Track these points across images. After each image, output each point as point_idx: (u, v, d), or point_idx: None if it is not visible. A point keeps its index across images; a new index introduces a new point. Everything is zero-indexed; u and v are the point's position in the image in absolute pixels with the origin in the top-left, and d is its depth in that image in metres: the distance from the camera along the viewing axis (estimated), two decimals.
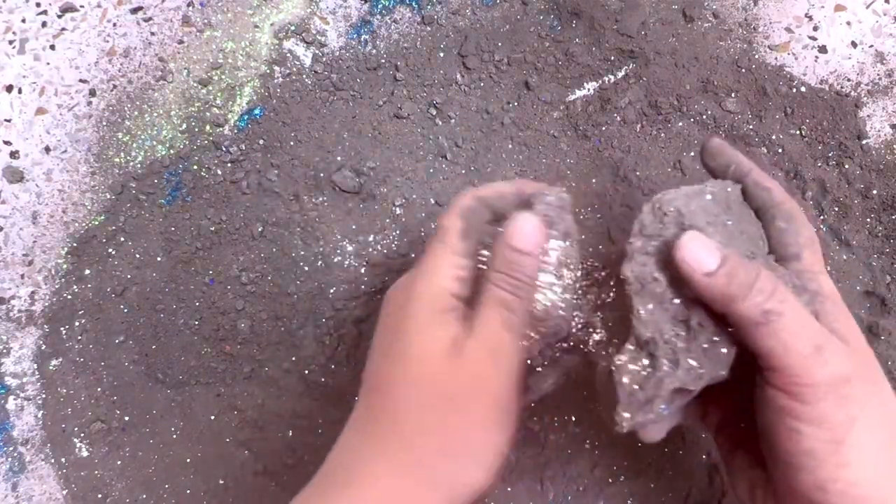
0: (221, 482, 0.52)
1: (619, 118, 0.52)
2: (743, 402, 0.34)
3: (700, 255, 0.30)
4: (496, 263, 0.34)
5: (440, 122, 0.53)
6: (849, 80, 0.52)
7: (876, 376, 0.31)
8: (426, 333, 0.32)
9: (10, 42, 0.53)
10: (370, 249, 0.52)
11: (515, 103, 0.53)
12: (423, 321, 0.33)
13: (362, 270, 0.52)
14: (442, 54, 0.53)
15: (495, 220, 0.36)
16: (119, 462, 0.52)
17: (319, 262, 0.52)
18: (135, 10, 0.53)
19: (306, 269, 0.52)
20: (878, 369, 0.32)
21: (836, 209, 0.51)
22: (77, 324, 0.52)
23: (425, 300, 0.33)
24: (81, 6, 0.53)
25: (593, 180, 0.52)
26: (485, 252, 0.35)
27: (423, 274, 0.34)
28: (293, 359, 0.52)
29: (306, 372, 0.52)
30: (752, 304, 0.30)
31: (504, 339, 0.32)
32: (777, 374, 0.29)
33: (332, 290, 0.52)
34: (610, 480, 0.50)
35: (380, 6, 0.54)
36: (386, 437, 0.32)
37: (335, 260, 0.52)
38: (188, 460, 0.52)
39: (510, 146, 0.53)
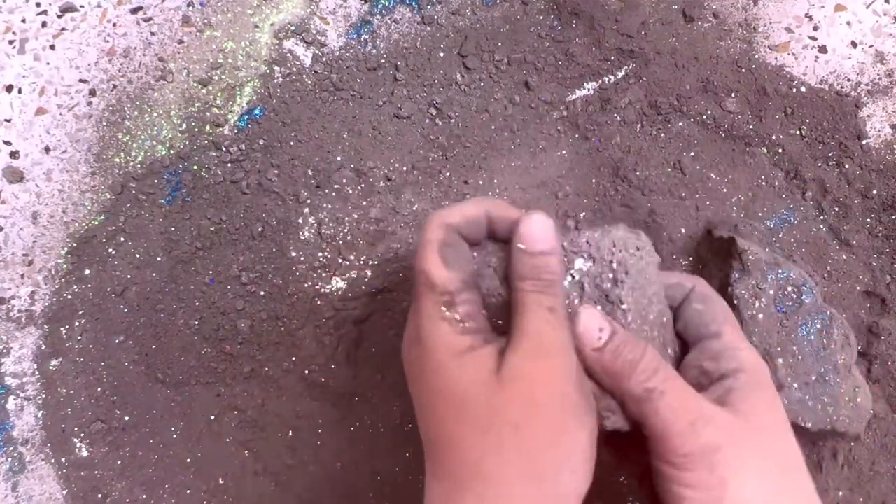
0: (221, 482, 0.52)
1: (619, 118, 0.52)
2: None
3: (591, 327, 0.32)
4: (520, 273, 0.33)
5: (440, 122, 0.53)
6: (849, 80, 0.52)
7: (760, 436, 0.32)
8: (463, 377, 0.31)
9: (10, 42, 0.53)
10: (371, 249, 0.52)
11: (516, 103, 0.53)
12: (453, 368, 0.31)
13: (364, 271, 0.52)
14: (442, 54, 0.53)
15: (472, 244, 0.35)
16: (119, 462, 0.52)
17: (319, 262, 0.52)
18: (135, 10, 0.53)
19: (306, 268, 0.52)
20: (771, 428, 0.33)
21: (836, 209, 0.51)
22: (77, 324, 0.52)
23: (441, 349, 0.32)
24: (81, 6, 0.53)
25: (593, 180, 0.52)
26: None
27: (421, 323, 0.33)
28: (293, 359, 0.52)
29: (306, 372, 0.52)
30: (635, 383, 0.32)
31: (549, 335, 0.31)
32: (657, 445, 0.31)
33: (332, 290, 0.52)
34: (610, 480, 0.50)
35: (380, 6, 0.54)
36: (469, 491, 0.31)
37: (335, 260, 0.52)
38: (188, 460, 0.52)
39: (510, 146, 0.53)
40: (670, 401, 0.32)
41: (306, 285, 0.52)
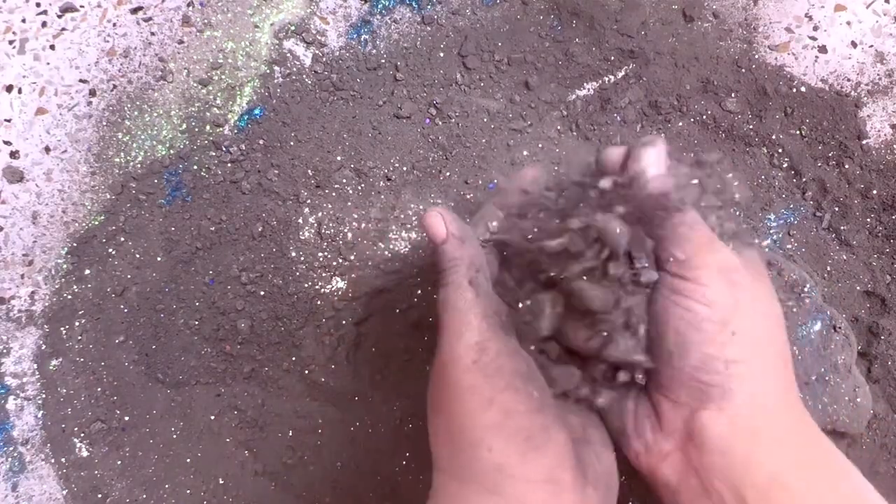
0: (221, 482, 0.52)
1: (619, 118, 0.52)
2: None
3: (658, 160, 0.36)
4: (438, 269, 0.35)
5: (440, 122, 0.53)
6: (849, 80, 0.52)
7: (760, 271, 0.35)
8: (472, 383, 0.33)
9: (10, 42, 0.53)
10: (371, 249, 0.52)
11: (516, 103, 0.53)
12: (464, 379, 0.33)
13: (364, 271, 0.52)
14: (442, 54, 0.53)
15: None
16: (119, 462, 0.52)
17: (319, 262, 0.52)
18: (135, 10, 0.53)
19: (306, 268, 0.52)
20: (762, 268, 0.35)
21: (836, 209, 0.51)
22: (77, 324, 0.52)
23: (457, 362, 0.33)
24: (81, 6, 0.53)
25: None
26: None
27: (444, 339, 0.34)
28: (293, 359, 0.52)
29: (306, 372, 0.52)
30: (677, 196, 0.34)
31: (448, 321, 0.33)
32: (677, 262, 0.33)
33: (332, 290, 0.52)
34: None
35: (380, 6, 0.54)
36: (439, 468, 0.34)
37: (335, 260, 0.52)
38: (188, 460, 0.52)
39: (510, 146, 0.53)
40: (693, 216, 0.34)
41: (306, 285, 0.52)
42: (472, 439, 0.32)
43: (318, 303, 0.52)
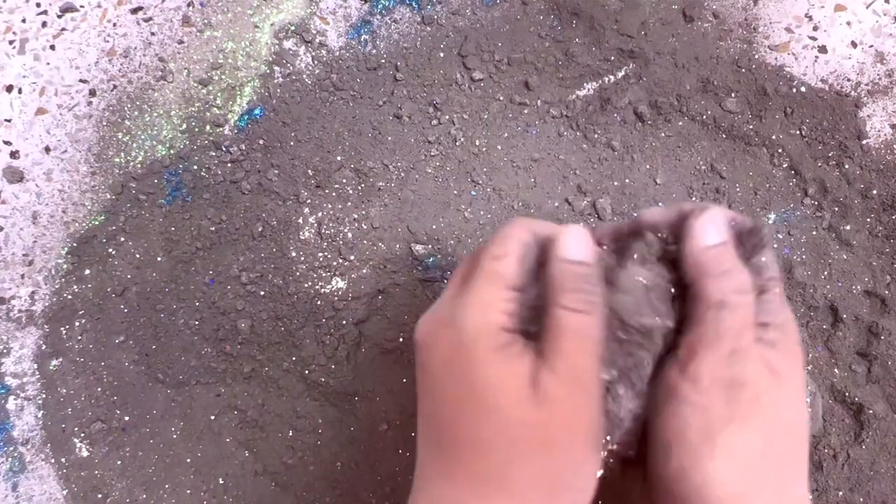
0: (221, 482, 0.52)
1: (619, 118, 0.52)
2: None
3: (713, 227, 0.32)
4: (556, 284, 0.31)
5: (440, 122, 0.53)
6: (849, 80, 0.52)
7: (786, 390, 0.31)
8: (501, 376, 0.30)
9: (10, 42, 0.53)
10: (371, 249, 0.52)
11: (516, 103, 0.53)
12: (492, 362, 0.30)
13: (363, 271, 0.52)
14: (442, 54, 0.53)
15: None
16: (119, 462, 0.52)
17: (319, 262, 0.52)
18: (135, 10, 0.53)
19: (306, 268, 0.52)
20: (794, 382, 0.32)
21: (836, 209, 0.51)
22: (77, 324, 0.52)
23: (485, 339, 0.30)
24: (81, 6, 0.53)
25: (592, 180, 0.52)
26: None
27: (473, 307, 0.31)
28: (293, 359, 0.52)
29: (306, 372, 0.52)
30: (715, 289, 0.31)
31: (587, 368, 0.30)
32: (684, 348, 0.31)
33: (332, 290, 0.52)
34: (610, 480, 0.50)
35: (380, 6, 0.54)
36: (487, 497, 0.30)
37: (335, 260, 0.52)
38: (188, 460, 0.52)
39: (510, 146, 0.53)
40: (730, 320, 0.31)
41: (306, 285, 0.52)
42: (580, 483, 0.30)
43: (318, 303, 0.52)
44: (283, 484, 0.52)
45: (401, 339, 0.52)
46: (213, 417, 0.52)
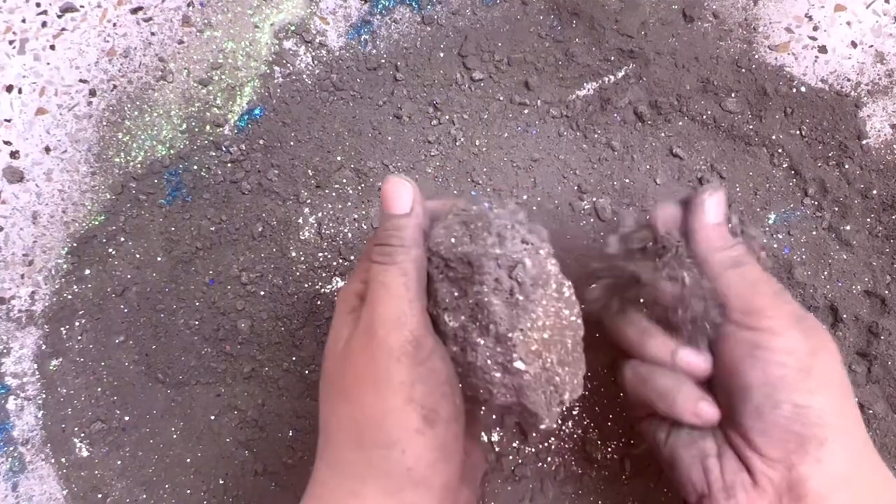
0: (221, 482, 0.52)
1: (619, 118, 0.52)
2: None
3: (718, 208, 0.35)
4: (375, 237, 0.33)
5: (440, 122, 0.53)
6: (849, 80, 0.52)
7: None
8: (330, 338, 0.34)
9: (10, 42, 0.53)
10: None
11: (516, 103, 0.53)
12: (335, 325, 0.34)
13: None
14: (442, 54, 0.53)
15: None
16: (119, 462, 0.52)
17: (320, 263, 0.52)
18: (135, 10, 0.53)
19: (306, 268, 0.52)
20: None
21: (836, 209, 0.51)
22: (77, 324, 0.52)
23: (338, 305, 0.34)
24: (81, 6, 0.53)
25: (592, 180, 0.52)
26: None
27: (346, 282, 0.33)
28: (293, 359, 0.52)
29: (306, 372, 0.52)
30: (728, 254, 0.34)
31: (383, 309, 0.31)
32: (748, 316, 0.33)
33: (332, 290, 0.52)
34: (610, 480, 0.50)
35: (380, 6, 0.54)
36: (327, 460, 0.32)
37: (336, 260, 0.52)
38: (188, 460, 0.52)
39: (510, 146, 0.53)
40: (754, 270, 0.34)
41: (306, 285, 0.52)
42: (388, 438, 0.30)
43: (319, 303, 0.52)
44: (283, 484, 0.52)
45: None
46: (213, 417, 0.52)
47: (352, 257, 0.52)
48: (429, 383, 0.31)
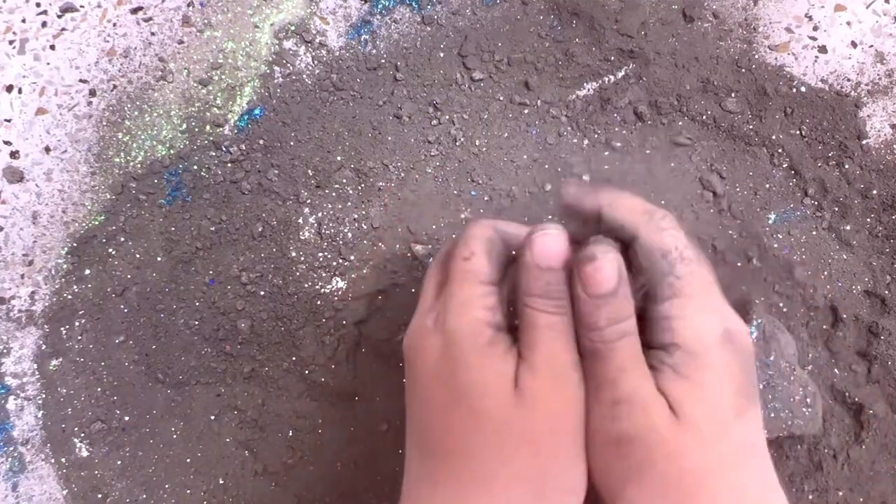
0: (221, 482, 0.52)
1: (619, 118, 0.52)
2: None
3: (608, 272, 0.31)
4: (529, 288, 0.31)
5: (440, 122, 0.53)
6: (849, 80, 0.52)
7: (690, 433, 0.29)
8: (485, 377, 0.30)
9: (10, 42, 0.53)
10: (371, 249, 0.52)
11: (516, 103, 0.53)
12: (476, 363, 0.30)
13: (364, 271, 0.52)
14: (442, 54, 0.53)
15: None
16: (119, 462, 0.52)
17: (320, 263, 0.52)
18: (135, 10, 0.53)
19: (306, 268, 0.52)
20: (703, 420, 0.30)
21: (836, 209, 0.51)
22: (77, 324, 0.52)
23: (469, 339, 0.30)
24: (81, 6, 0.53)
25: (593, 180, 0.52)
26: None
27: (454, 308, 0.31)
28: (293, 359, 0.52)
29: (306, 372, 0.52)
30: (587, 335, 0.31)
31: (564, 363, 0.30)
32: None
33: (332, 290, 0.52)
34: None
35: (380, 6, 0.54)
36: (472, 499, 0.29)
37: (335, 260, 0.52)
38: (188, 460, 0.52)
39: (510, 145, 0.53)
40: (602, 369, 0.30)
41: (306, 285, 0.52)
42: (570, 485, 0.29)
43: (319, 303, 0.52)
44: (283, 484, 0.52)
45: (400, 339, 0.52)
46: (213, 417, 0.52)
47: (352, 257, 0.52)
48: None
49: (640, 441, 0.29)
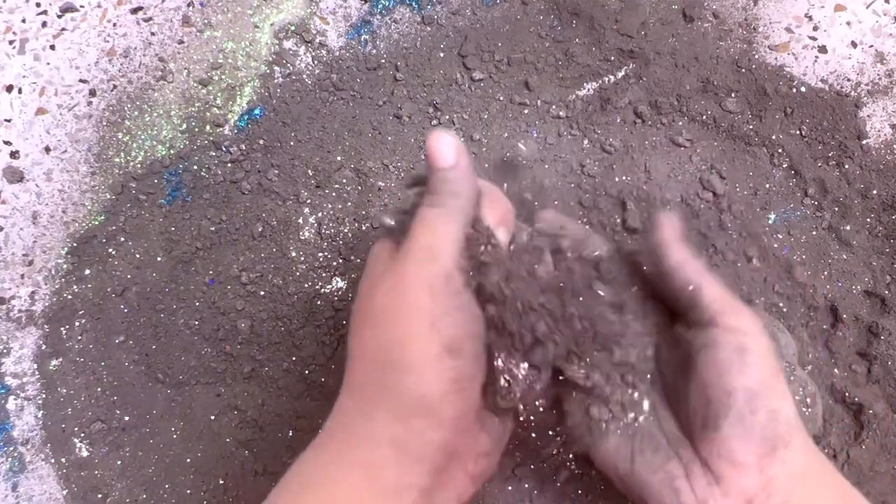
0: (221, 482, 0.52)
1: (619, 118, 0.52)
2: None
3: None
4: (427, 188, 0.34)
5: (440, 122, 0.53)
6: (849, 80, 0.52)
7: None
8: (374, 261, 0.35)
9: (10, 42, 0.53)
10: (370, 249, 0.52)
11: (516, 103, 0.53)
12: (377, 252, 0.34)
13: (363, 271, 0.52)
14: (442, 54, 0.53)
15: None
16: (119, 462, 0.52)
17: (320, 263, 0.52)
18: (135, 10, 0.53)
19: (306, 268, 0.52)
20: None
21: (836, 209, 0.51)
22: (77, 324, 0.52)
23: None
24: (81, 6, 0.53)
25: (593, 180, 0.52)
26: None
27: (430, 249, 0.32)
28: (293, 359, 0.52)
29: (306, 372, 0.52)
30: (700, 262, 0.36)
31: (430, 246, 0.31)
32: (730, 316, 0.34)
33: (332, 290, 0.52)
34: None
35: (380, 6, 0.54)
36: (345, 383, 0.33)
37: (336, 260, 0.52)
38: (188, 460, 0.52)
39: (510, 146, 0.53)
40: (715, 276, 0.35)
41: (306, 285, 0.52)
42: (406, 363, 0.30)
43: (319, 303, 0.52)
44: None
45: None
46: (213, 417, 0.52)
47: (352, 257, 0.52)
48: (455, 317, 0.31)
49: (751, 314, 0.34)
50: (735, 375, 0.32)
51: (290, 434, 0.52)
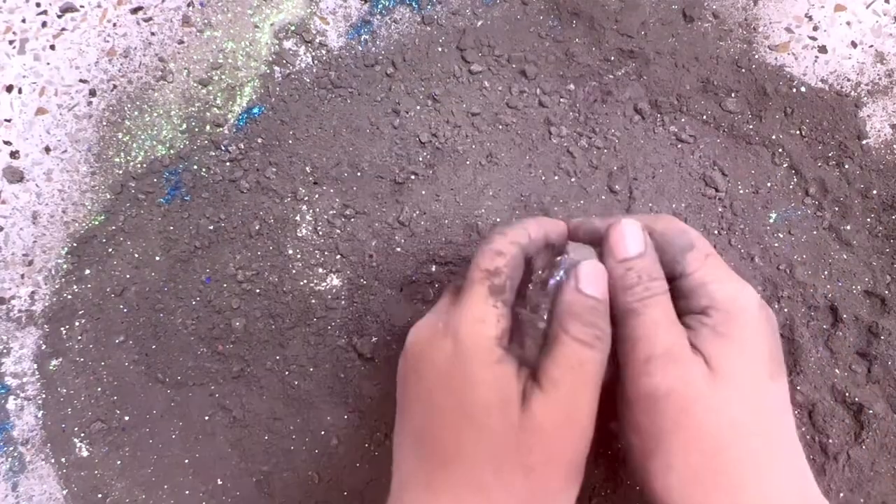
0: (220, 483, 0.52)
1: (620, 114, 0.52)
2: None
3: (631, 240, 0.32)
4: (567, 310, 0.31)
5: (439, 120, 0.53)
6: (849, 80, 0.52)
7: (720, 387, 0.30)
8: (493, 393, 0.30)
9: (10, 42, 0.53)
10: (370, 248, 0.52)
11: (515, 103, 0.53)
12: (486, 378, 0.30)
13: (360, 269, 0.52)
14: (440, 49, 0.53)
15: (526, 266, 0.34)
16: (119, 462, 0.52)
17: (316, 260, 0.52)
18: (135, 10, 0.53)
19: (303, 266, 0.52)
20: (735, 378, 0.30)
21: (836, 209, 0.51)
22: (77, 324, 0.52)
23: (481, 353, 0.30)
24: (81, 6, 0.53)
25: (593, 180, 0.52)
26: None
27: (469, 320, 0.31)
28: (277, 358, 0.52)
29: (286, 373, 0.52)
30: (629, 296, 0.32)
31: (581, 405, 0.30)
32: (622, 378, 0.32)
33: (327, 288, 0.52)
34: (611, 480, 0.50)
35: (380, 6, 0.54)
36: None
37: (332, 258, 0.52)
38: (187, 461, 0.52)
39: (510, 145, 0.53)
40: (640, 327, 0.31)
41: (301, 283, 0.52)
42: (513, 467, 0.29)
43: (313, 301, 0.52)
44: (270, 490, 0.52)
45: (398, 339, 0.52)
46: (206, 418, 0.52)
47: (348, 253, 0.52)
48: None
49: (676, 395, 0.29)
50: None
51: (266, 438, 0.52)
